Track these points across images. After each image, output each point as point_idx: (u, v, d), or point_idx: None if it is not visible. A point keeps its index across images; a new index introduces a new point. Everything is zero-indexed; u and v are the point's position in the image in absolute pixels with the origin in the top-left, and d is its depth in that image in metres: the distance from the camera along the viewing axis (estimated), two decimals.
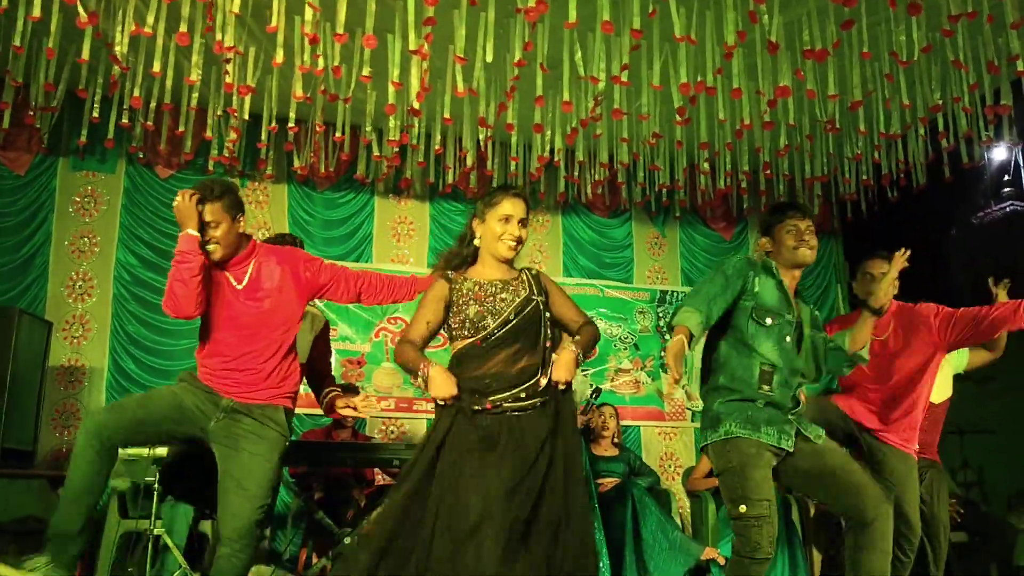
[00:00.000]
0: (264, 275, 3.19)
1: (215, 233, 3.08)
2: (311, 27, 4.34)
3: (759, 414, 3.00)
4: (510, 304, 2.78)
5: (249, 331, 3.14)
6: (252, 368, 3.13)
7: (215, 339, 3.14)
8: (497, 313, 2.76)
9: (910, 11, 4.41)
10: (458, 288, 2.83)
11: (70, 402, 5.86)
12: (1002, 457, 6.51)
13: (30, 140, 5.94)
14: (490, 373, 2.71)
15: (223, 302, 3.14)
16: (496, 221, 2.84)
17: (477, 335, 2.75)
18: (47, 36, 4.59)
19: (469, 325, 2.76)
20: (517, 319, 2.76)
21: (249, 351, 3.13)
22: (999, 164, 6.47)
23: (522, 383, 2.71)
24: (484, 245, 2.88)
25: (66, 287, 6.04)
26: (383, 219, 6.87)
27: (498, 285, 2.83)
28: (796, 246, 3.10)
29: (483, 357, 2.73)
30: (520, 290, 2.84)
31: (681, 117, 5.16)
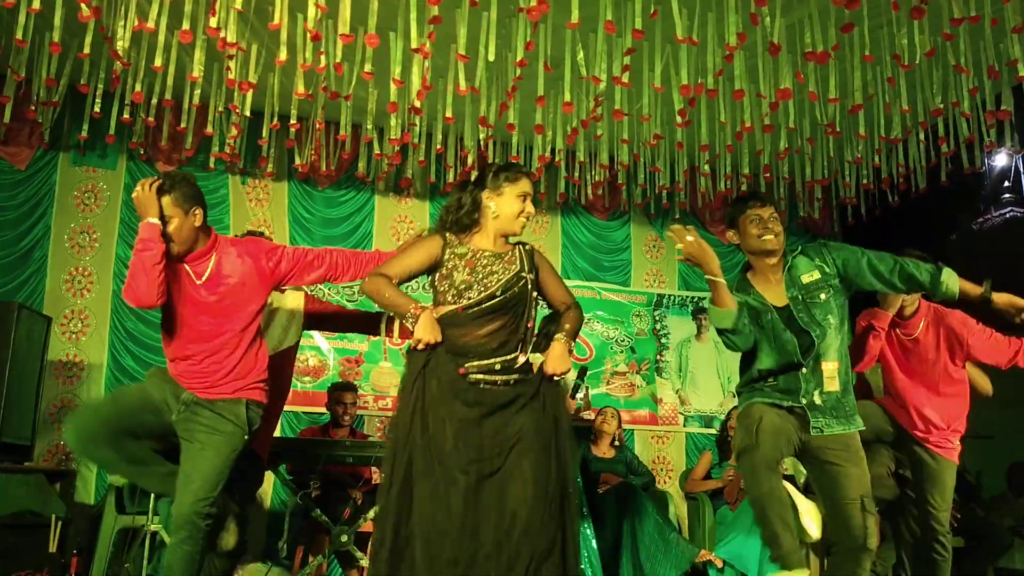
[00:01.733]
0: (225, 268, 3.16)
1: (167, 229, 3.04)
2: (314, 24, 4.34)
3: (772, 389, 3.12)
4: (500, 278, 2.77)
5: (211, 326, 3.12)
6: (215, 363, 3.11)
7: (178, 335, 3.13)
8: (484, 286, 2.75)
9: (912, 15, 4.42)
10: (452, 250, 2.81)
11: (68, 397, 5.86)
12: (1000, 462, 6.51)
13: (31, 135, 5.94)
14: (469, 343, 2.70)
15: (184, 297, 3.12)
16: (515, 198, 2.85)
17: (459, 303, 2.74)
18: (49, 30, 4.59)
19: (453, 291, 2.75)
20: (503, 295, 2.75)
21: (210, 346, 3.11)
22: (999, 170, 6.47)
23: (498, 356, 2.70)
24: (498, 218, 2.86)
25: (65, 282, 6.04)
26: (383, 218, 6.88)
27: (491, 257, 2.82)
28: (760, 234, 3.16)
29: (462, 326, 2.72)
30: (511, 265, 2.82)
31: (682, 119, 5.16)
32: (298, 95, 4.99)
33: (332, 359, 6.44)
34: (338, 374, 6.34)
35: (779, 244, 3.17)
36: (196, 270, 3.14)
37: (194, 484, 3.02)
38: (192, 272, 3.14)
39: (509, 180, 2.86)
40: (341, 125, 5.62)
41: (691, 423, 7.20)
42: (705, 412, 7.24)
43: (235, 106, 5.41)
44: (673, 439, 7.20)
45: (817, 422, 3.05)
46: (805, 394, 3.06)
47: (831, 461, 3.04)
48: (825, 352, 3.09)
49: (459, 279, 2.75)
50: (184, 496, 3.02)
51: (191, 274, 3.14)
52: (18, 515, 4.34)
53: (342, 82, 5.21)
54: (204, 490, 3.02)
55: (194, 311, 3.12)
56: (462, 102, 5.54)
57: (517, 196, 2.85)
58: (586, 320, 7.09)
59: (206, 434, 3.06)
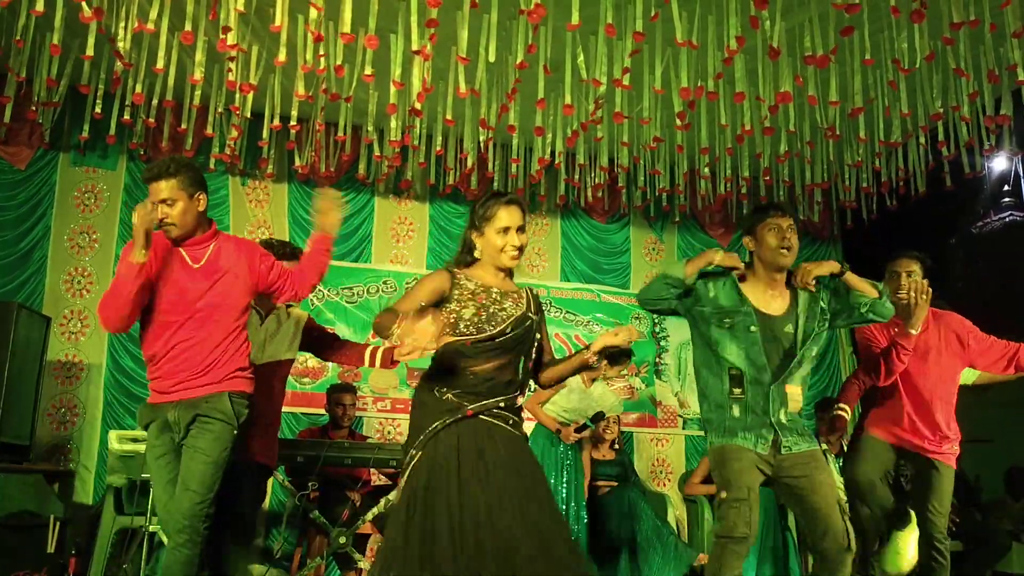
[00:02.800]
0: (222, 259, 3.17)
1: (171, 211, 3.05)
2: (315, 26, 4.34)
3: (735, 423, 3.15)
4: (510, 315, 2.74)
5: (201, 314, 3.10)
6: (197, 354, 3.08)
7: (165, 323, 3.09)
8: (495, 322, 2.71)
9: (912, 18, 4.42)
10: (460, 285, 2.75)
11: (67, 397, 5.86)
12: (998, 466, 6.52)
13: (31, 135, 5.94)
14: (477, 372, 2.68)
15: (177, 283, 3.10)
16: (494, 234, 2.76)
17: (468, 336, 2.69)
18: (50, 31, 4.59)
19: (463, 325, 2.70)
20: (513, 332, 2.73)
21: (195, 337, 3.09)
22: (999, 174, 6.48)
23: (502, 393, 2.69)
24: (485, 257, 2.81)
25: (65, 282, 6.05)
26: (383, 219, 6.88)
27: (499, 294, 2.77)
28: (778, 245, 3.18)
29: (470, 359, 2.69)
30: (520, 304, 2.80)
31: (682, 121, 5.17)
32: (298, 96, 5.00)
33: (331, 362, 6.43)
34: (337, 376, 6.33)
35: (792, 260, 3.23)
36: (193, 255, 3.14)
37: (191, 487, 3.02)
38: (188, 256, 3.13)
39: (485, 218, 2.78)
40: (341, 126, 5.62)
41: (690, 426, 7.20)
42: None
43: (236, 107, 5.42)
44: (672, 442, 7.20)
45: (787, 440, 3.11)
46: (773, 412, 3.12)
47: (800, 475, 3.10)
48: (792, 378, 3.18)
49: (468, 313, 2.70)
50: (182, 500, 3.02)
51: (187, 259, 3.13)
52: (16, 515, 4.33)
53: (342, 84, 5.21)
54: (201, 493, 3.02)
55: (184, 298, 3.09)
56: (462, 104, 5.55)
57: (497, 232, 2.76)
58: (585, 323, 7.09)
59: (196, 437, 3.06)
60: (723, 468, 3.17)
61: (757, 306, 3.20)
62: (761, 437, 3.12)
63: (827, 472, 3.16)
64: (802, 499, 3.13)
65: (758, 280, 3.26)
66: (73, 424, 5.84)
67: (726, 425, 3.18)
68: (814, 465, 3.12)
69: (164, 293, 3.10)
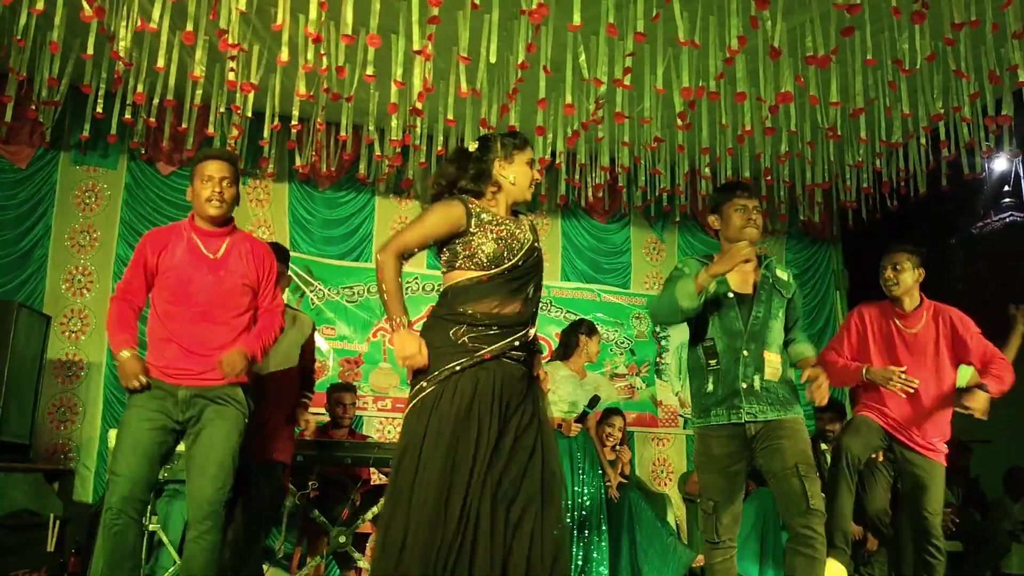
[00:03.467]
0: (237, 252, 3.26)
1: (226, 191, 3.20)
2: (315, 26, 4.34)
3: (708, 398, 3.23)
4: (524, 246, 2.73)
5: (208, 305, 3.15)
6: (208, 347, 3.12)
7: (173, 315, 3.13)
8: (511, 254, 2.69)
9: (913, 19, 4.42)
10: (478, 216, 2.71)
11: (67, 396, 5.86)
12: (998, 467, 6.52)
13: (32, 134, 5.93)
14: (490, 313, 2.64)
15: (184, 274, 3.15)
16: (525, 164, 2.81)
17: (487, 271, 2.66)
18: (51, 30, 4.59)
19: (482, 258, 2.66)
20: (526, 262, 2.72)
21: (207, 327, 3.14)
22: (999, 175, 6.48)
23: (516, 331, 2.66)
24: (509, 184, 2.80)
25: (65, 281, 6.04)
26: (383, 219, 6.88)
27: (512, 224, 2.76)
28: (743, 225, 3.23)
29: (484, 294, 2.66)
30: (527, 232, 2.79)
31: (683, 121, 5.17)
32: (299, 96, 5.00)
33: (332, 360, 6.44)
34: (337, 375, 6.33)
35: (758, 237, 3.28)
36: (209, 245, 3.22)
37: (210, 472, 3.04)
38: (204, 246, 3.21)
39: (519, 148, 2.81)
40: (342, 126, 5.62)
41: (691, 425, 7.18)
42: None
43: (237, 107, 5.42)
44: (673, 441, 7.20)
45: (751, 408, 3.14)
46: (745, 378, 3.15)
47: (766, 445, 3.12)
48: (770, 343, 3.21)
49: (488, 248, 2.67)
50: (203, 487, 3.04)
51: (202, 248, 3.21)
52: (16, 514, 4.33)
53: (343, 83, 5.21)
54: (221, 477, 3.05)
55: (196, 287, 3.15)
56: (463, 104, 5.54)
57: (527, 162, 2.82)
58: None
59: (211, 423, 3.10)
60: (698, 474, 3.36)
61: (732, 286, 3.25)
62: (733, 407, 3.16)
63: (793, 439, 3.11)
64: (766, 467, 3.14)
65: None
66: (73, 423, 5.84)
67: (702, 404, 3.27)
68: (780, 433, 3.11)
69: (171, 282, 3.16)
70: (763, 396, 3.15)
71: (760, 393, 3.15)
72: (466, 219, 2.69)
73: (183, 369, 3.10)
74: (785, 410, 3.17)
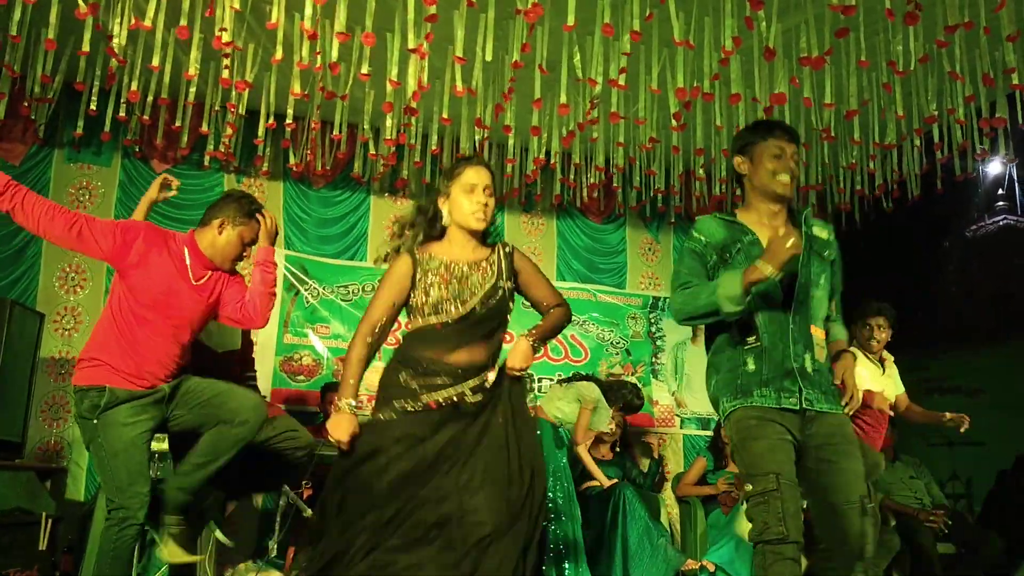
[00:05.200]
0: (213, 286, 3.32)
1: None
2: (311, 24, 4.34)
3: (750, 378, 2.65)
4: (478, 290, 2.66)
5: (176, 321, 3.22)
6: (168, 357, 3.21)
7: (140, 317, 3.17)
8: (462, 300, 2.64)
9: (906, 21, 4.43)
10: (424, 266, 2.69)
11: (60, 394, 5.84)
12: (990, 469, 6.53)
13: (25, 131, 5.92)
14: (441, 361, 2.61)
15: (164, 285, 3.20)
16: (461, 193, 2.71)
17: (437, 318, 2.64)
18: (45, 27, 4.58)
19: (430, 308, 2.64)
20: (482, 309, 2.65)
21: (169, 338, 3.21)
22: (993, 178, 6.50)
23: (469, 377, 2.60)
24: (453, 221, 2.74)
25: (58, 279, 6.03)
26: (378, 218, 6.87)
27: (466, 268, 2.70)
28: (776, 170, 2.76)
29: (438, 340, 2.63)
30: (488, 274, 2.71)
31: (677, 122, 5.17)
32: (294, 95, 4.99)
33: (326, 359, 6.43)
34: (332, 374, 6.32)
35: (792, 190, 2.79)
36: (196, 273, 3.27)
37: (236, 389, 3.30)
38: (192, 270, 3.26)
39: (452, 177, 2.74)
40: (337, 125, 5.61)
41: (687, 425, 7.20)
42: (701, 414, 7.23)
43: (231, 105, 5.41)
44: (669, 441, 7.20)
45: (809, 394, 2.61)
46: (796, 358, 2.63)
47: (825, 458, 2.61)
48: (815, 316, 2.73)
49: (435, 295, 2.64)
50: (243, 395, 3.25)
51: (190, 271, 3.25)
52: (8, 512, 4.31)
53: (338, 82, 5.20)
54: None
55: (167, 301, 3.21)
56: (458, 103, 5.55)
57: (463, 191, 2.70)
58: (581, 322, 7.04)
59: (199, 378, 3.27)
60: (743, 452, 2.63)
61: (759, 235, 2.74)
62: (784, 390, 2.60)
63: (857, 459, 2.63)
64: (820, 489, 2.61)
65: (751, 212, 2.85)
66: (65, 421, 5.82)
67: (738, 384, 2.67)
68: (843, 449, 2.61)
69: (150, 287, 3.18)
70: (815, 380, 2.65)
71: (813, 377, 2.64)
72: (412, 268, 2.70)
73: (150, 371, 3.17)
74: (836, 403, 2.69)
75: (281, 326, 6.34)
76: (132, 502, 3.04)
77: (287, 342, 6.37)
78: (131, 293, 3.17)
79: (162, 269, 3.19)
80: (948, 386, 7.07)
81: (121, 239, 3.18)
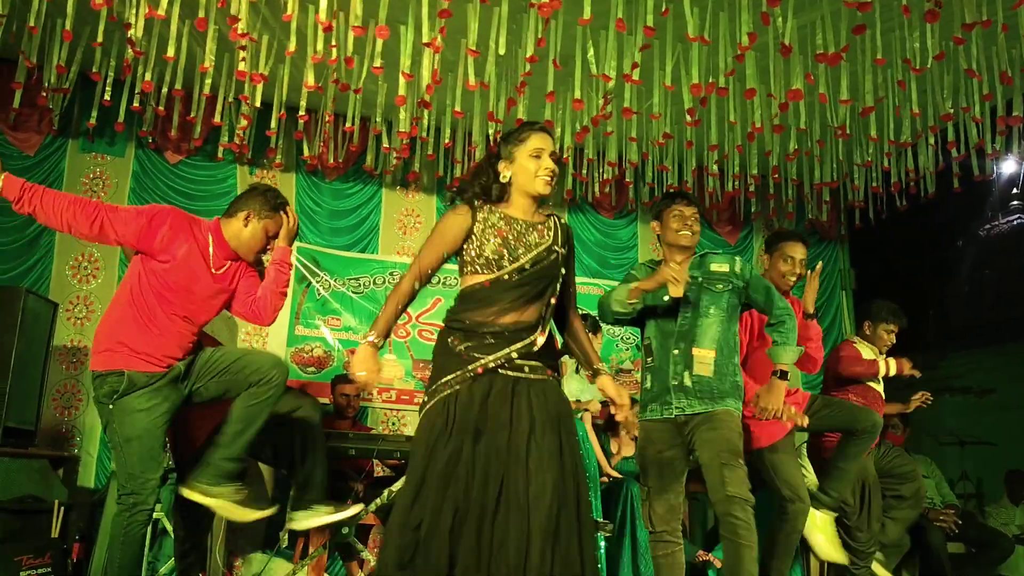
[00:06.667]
0: (232, 275, 3.36)
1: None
2: (325, 16, 4.34)
3: (647, 395, 3.49)
4: (532, 249, 2.66)
5: (195, 307, 3.27)
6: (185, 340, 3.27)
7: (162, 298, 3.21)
8: (515, 256, 2.63)
9: (927, 18, 4.40)
10: (484, 218, 2.68)
11: (72, 383, 5.87)
12: (1001, 469, 6.51)
13: (41, 121, 5.94)
14: (488, 323, 2.59)
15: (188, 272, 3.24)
16: (527, 158, 2.70)
17: (489, 274, 2.63)
18: (62, 17, 4.60)
19: (483, 261, 2.63)
20: (533, 268, 2.64)
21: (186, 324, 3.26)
22: (1008, 177, 6.46)
23: (515, 340, 2.58)
24: (517, 185, 2.72)
25: (71, 268, 6.06)
26: (390, 211, 6.88)
27: (524, 225, 2.70)
28: (679, 229, 3.47)
29: (487, 300, 2.61)
30: (545, 235, 2.71)
31: (691, 118, 5.15)
32: (308, 87, 4.99)
33: (337, 350, 6.45)
34: (342, 366, 6.34)
35: (693, 242, 3.50)
36: (216, 263, 3.30)
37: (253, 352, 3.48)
38: (213, 260, 3.30)
39: (517, 141, 2.72)
40: (350, 117, 5.62)
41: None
42: None
43: (245, 96, 5.42)
44: None
45: (680, 403, 3.35)
46: (675, 376, 3.38)
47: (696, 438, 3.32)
48: (700, 339, 3.38)
49: (489, 249, 2.63)
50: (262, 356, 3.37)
51: (211, 260, 3.29)
52: (21, 500, 4.34)
53: (352, 74, 5.21)
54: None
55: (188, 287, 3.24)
56: (471, 97, 5.54)
57: (529, 155, 2.70)
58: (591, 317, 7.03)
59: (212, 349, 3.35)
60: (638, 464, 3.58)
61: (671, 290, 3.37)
62: (665, 403, 3.39)
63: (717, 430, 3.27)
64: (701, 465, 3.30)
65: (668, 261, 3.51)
66: (77, 409, 5.85)
67: (642, 399, 3.53)
68: (706, 425, 3.29)
69: (174, 272, 3.21)
70: (692, 391, 3.35)
71: (691, 388, 3.35)
72: (471, 220, 2.68)
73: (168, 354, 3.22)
74: (714, 403, 3.33)
75: (292, 318, 6.36)
76: (143, 488, 3.08)
77: (298, 334, 6.38)
78: (153, 276, 3.20)
79: (186, 255, 3.22)
80: (958, 386, 7.04)
81: (147, 224, 3.20)
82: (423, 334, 6.60)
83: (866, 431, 3.99)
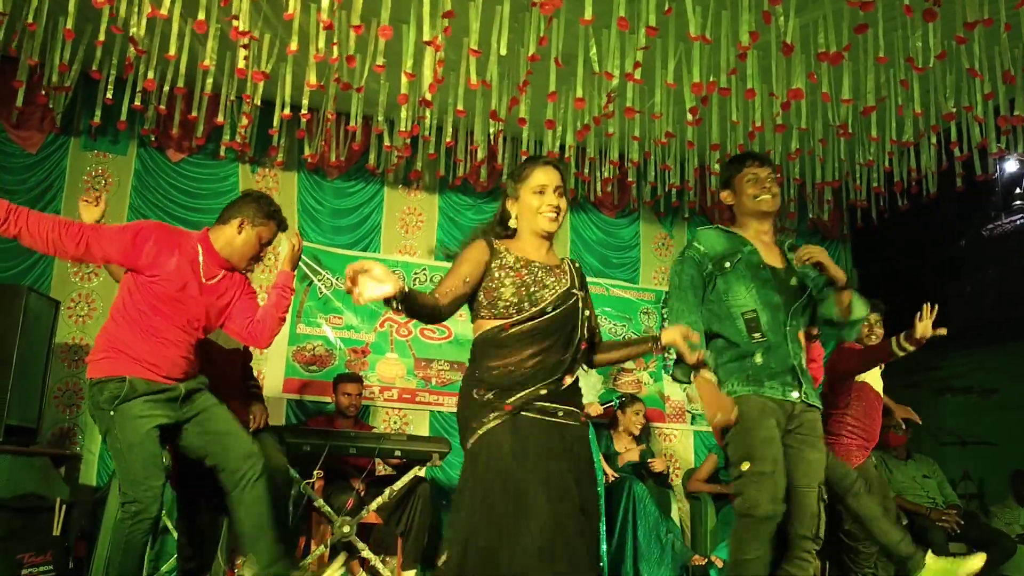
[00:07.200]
0: (225, 286, 3.37)
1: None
2: (327, 15, 4.34)
3: (760, 370, 2.97)
4: (552, 292, 2.56)
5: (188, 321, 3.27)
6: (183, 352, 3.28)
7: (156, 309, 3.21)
8: (536, 300, 2.52)
9: (925, 18, 4.39)
10: (501, 258, 2.57)
11: (74, 381, 5.88)
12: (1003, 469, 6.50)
13: (43, 119, 5.94)
14: (507, 371, 2.48)
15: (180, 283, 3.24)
16: (531, 195, 2.62)
17: (507, 319, 2.51)
18: (64, 16, 4.60)
19: (501, 305, 2.51)
20: (555, 311, 2.54)
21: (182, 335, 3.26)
22: (1010, 176, 6.45)
23: (542, 380, 2.48)
24: (523, 223, 2.65)
25: (73, 266, 6.05)
26: (392, 210, 6.88)
27: (541, 269, 2.59)
28: (757, 194, 3.09)
29: (507, 347, 2.49)
30: (563, 279, 2.62)
31: (693, 117, 5.15)
32: (310, 86, 4.99)
33: (339, 349, 6.45)
34: (344, 364, 6.34)
35: (775, 205, 3.11)
36: (207, 273, 3.31)
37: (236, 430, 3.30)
38: (204, 269, 3.30)
39: (520, 179, 2.65)
40: (352, 116, 5.62)
41: (699, 421, 7.18)
42: None
43: (247, 95, 5.42)
44: (680, 437, 7.19)
45: (803, 388, 2.98)
46: (794, 355, 3.00)
47: (791, 444, 2.94)
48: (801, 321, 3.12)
49: (508, 292, 2.51)
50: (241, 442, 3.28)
51: (201, 270, 3.30)
52: (23, 498, 4.34)
53: (354, 73, 5.21)
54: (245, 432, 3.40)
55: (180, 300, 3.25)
56: (473, 96, 5.54)
57: (532, 192, 2.62)
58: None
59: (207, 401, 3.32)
60: (747, 437, 2.91)
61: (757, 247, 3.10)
62: (787, 384, 2.96)
63: (820, 449, 2.99)
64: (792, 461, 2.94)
65: (746, 229, 3.18)
66: (79, 408, 5.86)
67: (749, 373, 2.98)
68: (811, 440, 2.97)
69: (163, 286, 3.22)
70: (808, 377, 3.02)
71: (806, 373, 3.02)
72: (489, 256, 2.58)
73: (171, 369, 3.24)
74: (817, 400, 3.06)
75: (294, 316, 6.36)
76: (146, 495, 3.08)
77: (300, 332, 6.39)
78: (144, 289, 3.21)
79: (174, 269, 3.22)
80: (960, 386, 7.03)
81: (131, 241, 3.19)
82: (425, 333, 6.60)
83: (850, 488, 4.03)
